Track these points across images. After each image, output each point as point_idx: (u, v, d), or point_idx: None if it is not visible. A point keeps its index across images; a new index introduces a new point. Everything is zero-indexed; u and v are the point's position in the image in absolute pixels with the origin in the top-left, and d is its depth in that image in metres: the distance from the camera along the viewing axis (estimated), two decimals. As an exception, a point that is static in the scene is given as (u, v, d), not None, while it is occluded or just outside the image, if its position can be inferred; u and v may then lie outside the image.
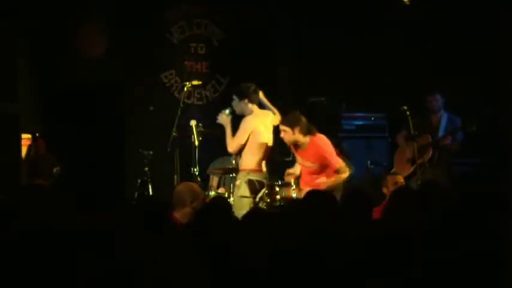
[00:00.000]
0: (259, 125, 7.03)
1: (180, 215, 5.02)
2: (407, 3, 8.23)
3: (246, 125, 6.98)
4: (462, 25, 8.59)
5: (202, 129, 7.41)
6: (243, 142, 6.95)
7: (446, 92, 7.87)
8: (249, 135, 6.96)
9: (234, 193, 6.97)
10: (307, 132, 6.80)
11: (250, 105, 7.06)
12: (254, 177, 6.95)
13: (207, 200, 7.08)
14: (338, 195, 5.45)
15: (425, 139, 7.61)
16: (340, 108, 8.87)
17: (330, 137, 8.11)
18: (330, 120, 8.61)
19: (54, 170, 6.03)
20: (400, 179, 7.23)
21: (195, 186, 6.12)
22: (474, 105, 8.19)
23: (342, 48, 8.82)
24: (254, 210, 5.05)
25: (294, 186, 7.68)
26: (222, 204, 4.63)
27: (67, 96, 8.53)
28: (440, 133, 7.70)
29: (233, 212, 5.40)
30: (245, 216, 3.92)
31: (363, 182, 8.33)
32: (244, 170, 6.99)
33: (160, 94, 9.19)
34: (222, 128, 7.94)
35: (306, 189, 6.23)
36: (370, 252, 3.29)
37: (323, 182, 6.71)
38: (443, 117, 7.73)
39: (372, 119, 8.87)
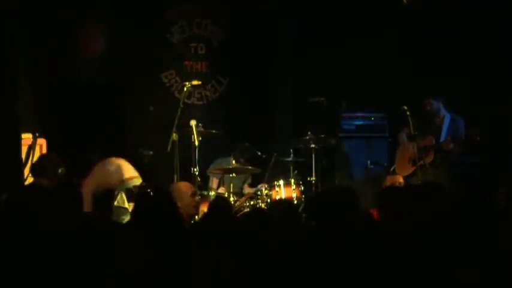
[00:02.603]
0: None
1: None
2: (406, 3, 8.24)
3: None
4: (462, 24, 8.59)
5: (202, 129, 7.41)
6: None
7: (446, 92, 7.86)
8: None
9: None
10: None
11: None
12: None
13: (205, 200, 7.14)
14: None
15: (428, 141, 7.60)
16: (340, 108, 8.87)
17: (330, 137, 8.15)
18: (330, 120, 8.61)
19: (59, 170, 6.05)
20: (400, 179, 7.23)
21: (183, 186, 6.10)
22: (474, 105, 8.20)
23: (342, 48, 8.81)
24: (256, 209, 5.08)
25: (294, 186, 7.70)
26: (223, 205, 4.65)
27: (67, 96, 8.53)
28: (443, 134, 7.69)
29: (234, 211, 5.43)
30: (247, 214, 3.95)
31: (362, 182, 8.34)
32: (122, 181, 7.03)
33: (160, 94, 9.20)
34: (222, 127, 7.98)
35: None
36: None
37: None
38: (446, 118, 7.72)
39: (372, 119, 8.87)
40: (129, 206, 6.88)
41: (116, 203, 6.93)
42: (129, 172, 7.07)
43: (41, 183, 5.73)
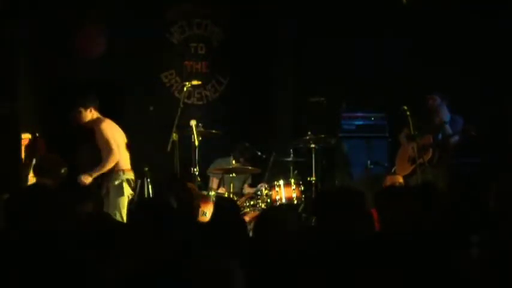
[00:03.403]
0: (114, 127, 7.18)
1: None
2: (406, 3, 8.24)
3: (106, 130, 7.12)
4: (462, 24, 8.59)
5: (202, 129, 7.41)
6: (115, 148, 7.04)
7: (446, 92, 7.86)
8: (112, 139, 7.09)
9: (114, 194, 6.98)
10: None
11: (94, 112, 7.20)
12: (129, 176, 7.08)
13: (205, 200, 7.15)
14: None
15: (426, 139, 7.62)
16: (340, 108, 8.87)
17: (330, 137, 8.15)
18: (330, 120, 8.61)
19: (62, 170, 6.08)
20: (399, 179, 7.23)
21: (194, 186, 6.17)
22: (474, 105, 8.20)
23: (342, 48, 8.81)
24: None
25: (294, 186, 7.70)
26: (229, 205, 4.68)
27: (67, 96, 8.53)
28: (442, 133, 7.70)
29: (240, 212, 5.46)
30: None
31: (362, 182, 8.34)
32: (120, 170, 7.06)
33: (160, 94, 9.19)
34: (222, 127, 7.97)
35: None
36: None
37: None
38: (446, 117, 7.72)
39: (372, 119, 8.87)
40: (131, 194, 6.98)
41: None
42: (127, 164, 7.11)
43: (44, 183, 5.74)
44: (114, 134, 7.16)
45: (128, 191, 6.98)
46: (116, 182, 6.96)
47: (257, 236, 3.63)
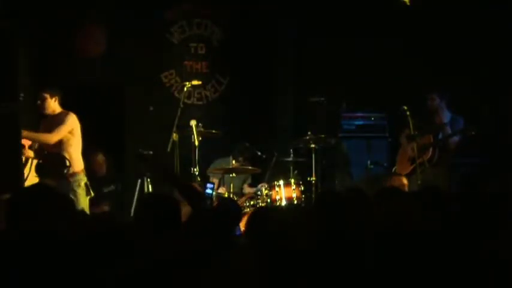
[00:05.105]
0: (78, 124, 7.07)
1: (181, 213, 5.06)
2: (408, 3, 8.24)
3: (71, 120, 7.01)
4: (462, 25, 8.59)
5: (202, 129, 7.41)
6: (62, 136, 6.94)
7: (446, 92, 7.86)
8: (73, 131, 7.00)
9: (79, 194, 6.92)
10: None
11: (58, 104, 7.14)
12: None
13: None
14: None
15: (426, 139, 7.62)
16: (340, 108, 8.88)
17: (330, 137, 8.15)
18: (330, 120, 8.61)
19: (65, 170, 6.09)
20: (405, 180, 7.20)
21: (196, 185, 6.16)
22: (473, 105, 8.20)
23: (342, 48, 8.81)
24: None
25: (294, 186, 7.70)
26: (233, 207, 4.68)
27: (67, 96, 8.52)
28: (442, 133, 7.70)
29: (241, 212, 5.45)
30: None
31: (362, 182, 8.33)
32: (82, 171, 7.00)
33: (160, 94, 9.20)
34: (222, 127, 7.97)
35: None
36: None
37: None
38: (446, 118, 7.72)
39: (372, 119, 8.88)
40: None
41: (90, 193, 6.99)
42: (81, 164, 7.06)
43: (47, 183, 5.74)
44: (78, 130, 7.11)
45: (91, 191, 7.01)
46: (82, 183, 6.97)
47: (248, 235, 3.63)
